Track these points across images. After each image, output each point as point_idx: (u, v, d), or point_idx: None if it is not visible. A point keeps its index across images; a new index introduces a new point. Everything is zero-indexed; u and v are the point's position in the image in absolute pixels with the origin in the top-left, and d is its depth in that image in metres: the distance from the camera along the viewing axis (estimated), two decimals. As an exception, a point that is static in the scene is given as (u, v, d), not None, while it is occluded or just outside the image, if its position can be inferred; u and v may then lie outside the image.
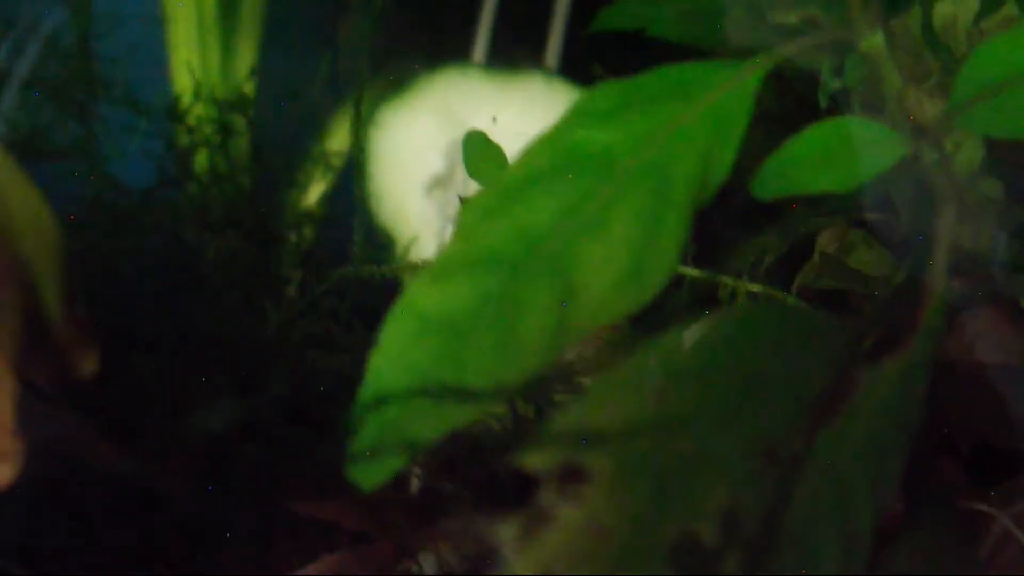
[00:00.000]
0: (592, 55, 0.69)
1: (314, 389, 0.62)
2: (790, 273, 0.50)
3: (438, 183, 0.70)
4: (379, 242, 0.69)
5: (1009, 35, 0.32)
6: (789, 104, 0.41)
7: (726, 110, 0.31)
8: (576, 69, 0.72)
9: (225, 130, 0.71)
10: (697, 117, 0.31)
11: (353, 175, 0.73)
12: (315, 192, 0.74)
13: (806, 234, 0.47)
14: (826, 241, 0.45)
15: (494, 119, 0.69)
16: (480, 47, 0.72)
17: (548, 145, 0.31)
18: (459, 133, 0.71)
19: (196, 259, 0.67)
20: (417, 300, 0.30)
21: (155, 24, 0.76)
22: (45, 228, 0.30)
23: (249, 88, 0.74)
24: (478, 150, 0.48)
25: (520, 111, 0.70)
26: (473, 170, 0.48)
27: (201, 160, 0.70)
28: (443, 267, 0.30)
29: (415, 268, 0.54)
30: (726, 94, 0.31)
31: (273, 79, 0.78)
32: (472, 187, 0.69)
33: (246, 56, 0.80)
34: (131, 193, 0.67)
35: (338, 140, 0.75)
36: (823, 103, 0.39)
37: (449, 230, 0.71)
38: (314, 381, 0.62)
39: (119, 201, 0.67)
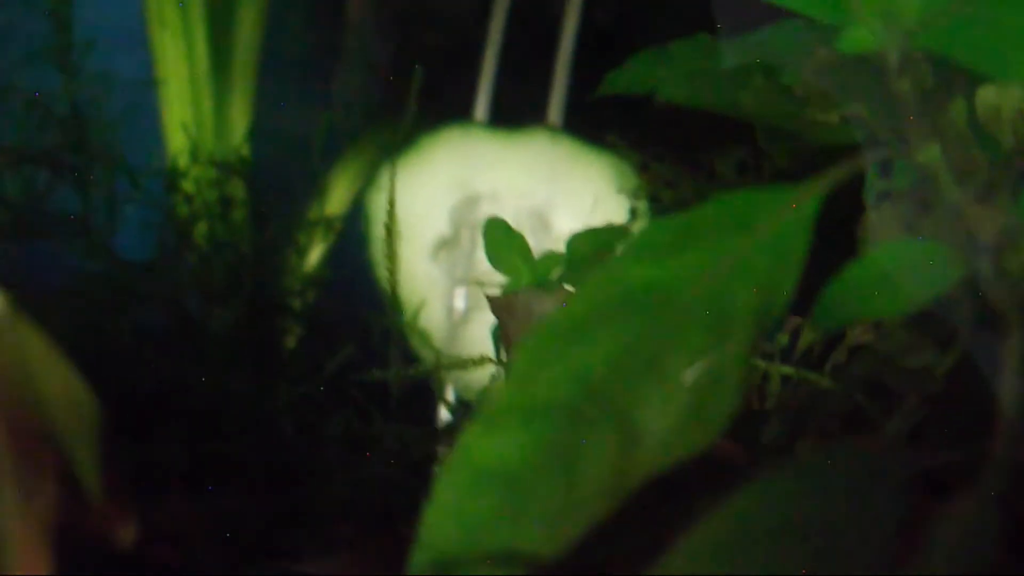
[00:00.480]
0: (596, 110, 0.68)
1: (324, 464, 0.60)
2: (825, 351, 0.49)
3: (445, 245, 0.69)
4: (385, 307, 0.68)
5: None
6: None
7: (785, 238, 0.30)
8: (580, 124, 0.71)
9: (223, 195, 0.70)
10: (755, 248, 0.30)
11: (353, 236, 0.72)
12: (315, 255, 0.72)
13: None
14: (859, 331, 0.44)
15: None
16: (482, 104, 0.71)
17: (604, 283, 0.30)
18: (464, 194, 0.70)
19: (199, 331, 0.65)
20: (472, 451, 0.29)
21: (148, 87, 0.75)
22: (79, 400, 0.29)
23: (245, 149, 0.73)
24: (499, 239, 0.47)
25: (526, 169, 0.69)
26: (494, 259, 0.47)
27: (200, 227, 0.68)
28: (498, 415, 0.29)
29: (452, 365, 0.52)
30: (784, 222, 0.30)
31: (268, 137, 0.77)
32: (479, 253, 0.68)
33: (240, 113, 0.79)
34: (130, 266, 0.65)
35: (336, 201, 0.73)
36: (869, 201, 0.38)
37: (458, 293, 0.69)
38: (324, 454, 0.61)
39: (119, 274, 0.65)
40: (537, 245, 0.71)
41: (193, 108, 0.77)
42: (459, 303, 0.69)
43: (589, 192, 0.68)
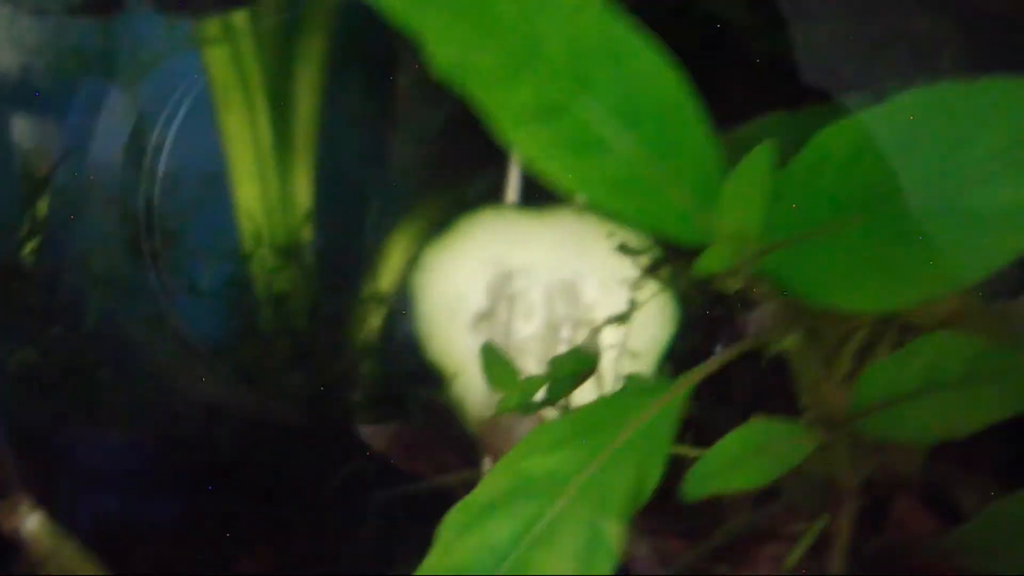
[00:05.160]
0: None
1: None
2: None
3: (482, 319, 0.79)
4: (431, 376, 0.78)
5: (898, 357, 0.39)
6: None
7: (655, 429, 0.39)
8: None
9: (286, 279, 0.80)
10: (630, 440, 0.39)
11: (403, 309, 0.82)
12: (370, 328, 0.83)
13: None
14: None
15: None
16: (512, 186, 0.80)
17: (509, 470, 0.39)
18: (499, 271, 0.80)
19: (263, 410, 0.76)
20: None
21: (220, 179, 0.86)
22: None
23: (306, 231, 0.84)
24: (494, 362, 0.56)
25: (555, 245, 0.78)
26: (491, 380, 0.56)
27: (266, 312, 0.80)
28: (425, 579, 0.39)
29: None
30: (654, 416, 0.39)
31: (328, 212, 0.87)
32: (515, 324, 0.78)
33: (303, 189, 0.89)
34: (201, 352, 0.77)
35: (387, 279, 0.84)
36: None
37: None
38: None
39: (188, 358, 0.77)
40: (568, 314, 0.81)
41: (261, 186, 0.88)
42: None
43: (613, 264, 0.77)
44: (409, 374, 0.79)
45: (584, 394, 0.63)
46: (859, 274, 0.36)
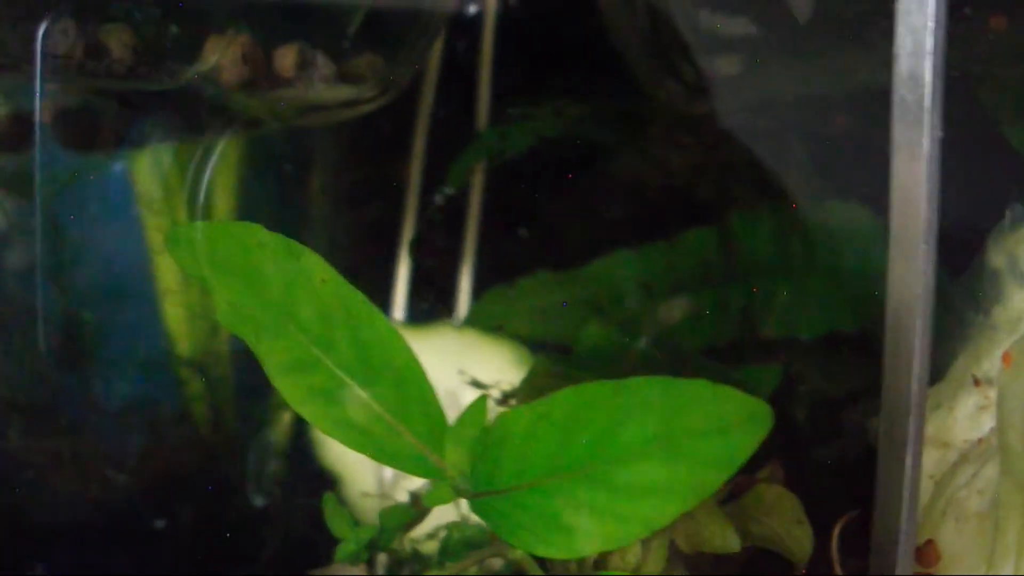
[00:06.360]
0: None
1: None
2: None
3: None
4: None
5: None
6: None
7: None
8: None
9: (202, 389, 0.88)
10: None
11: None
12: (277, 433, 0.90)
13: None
14: None
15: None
16: (399, 305, 0.87)
17: None
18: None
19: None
20: None
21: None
22: None
23: (223, 345, 0.91)
24: (334, 513, 0.64)
25: (437, 358, 0.85)
26: (333, 528, 0.64)
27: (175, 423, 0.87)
28: None
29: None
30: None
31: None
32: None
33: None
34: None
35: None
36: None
37: (385, 468, 0.86)
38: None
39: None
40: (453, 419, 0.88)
41: (184, 295, 0.95)
42: (387, 476, 0.86)
43: (491, 373, 0.84)
44: (310, 477, 0.87)
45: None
46: (541, 528, 0.43)
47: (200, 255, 0.49)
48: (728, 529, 0.51)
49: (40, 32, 0.62)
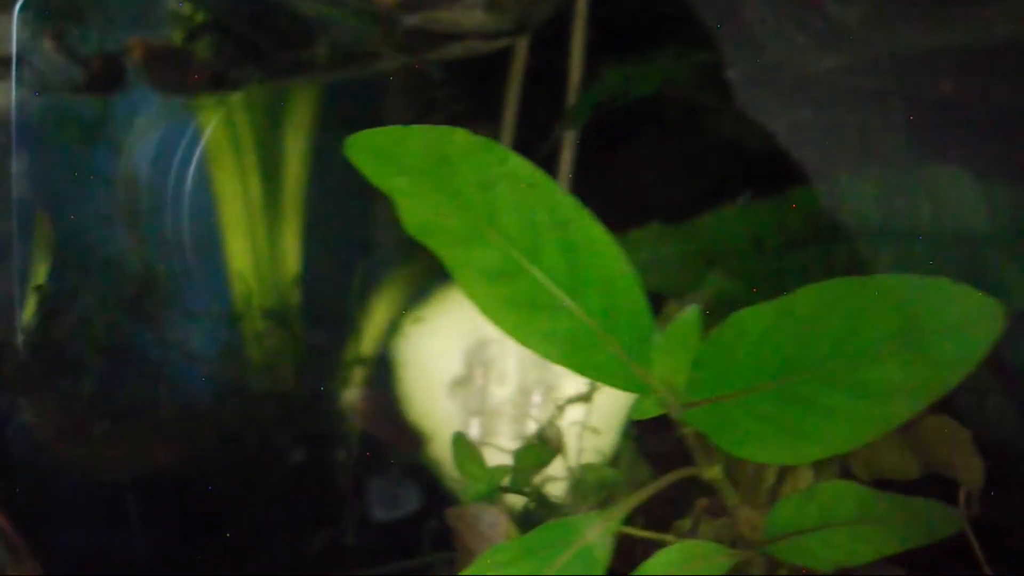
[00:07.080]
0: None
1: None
2: None
3: (459, 384, 0.85)
4: (411, 437, 0.85)
5: (800, 497, 0.45)
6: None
7: (591, 552, 0.45)
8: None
9: (278, 341, 0.87)
10: (568, 561, 0.45)
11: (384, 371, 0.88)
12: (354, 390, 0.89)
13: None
14: None
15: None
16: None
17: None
18: (475, 338, 0.86)
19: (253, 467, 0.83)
20: None
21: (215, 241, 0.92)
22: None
23: (295, 295, 0.90)
24: (462, 451, 0.63)
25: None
26: (460, 468, 0.63)
27: (255, 368, 0.86)
28: None
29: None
30: (591, 541, 0.45)
31: (315, 275, 0.94)
32: (490, 389, 0.85)
33: (292, 249, 0.96)
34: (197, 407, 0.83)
35: (367, 343, 0.90)
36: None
37: (472, 425, 0.86)
38: None
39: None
40: (539, 380, 0.88)
41: (252, 248, 0.95)
42: (474, 433, 0.85)
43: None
44: (391, 435, 0.86)
45: (552, 469, 0.70)
46: (768, 433, 0.43)
47: (386, 161, 0.48)
48: (908, 455, 0.51)
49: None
